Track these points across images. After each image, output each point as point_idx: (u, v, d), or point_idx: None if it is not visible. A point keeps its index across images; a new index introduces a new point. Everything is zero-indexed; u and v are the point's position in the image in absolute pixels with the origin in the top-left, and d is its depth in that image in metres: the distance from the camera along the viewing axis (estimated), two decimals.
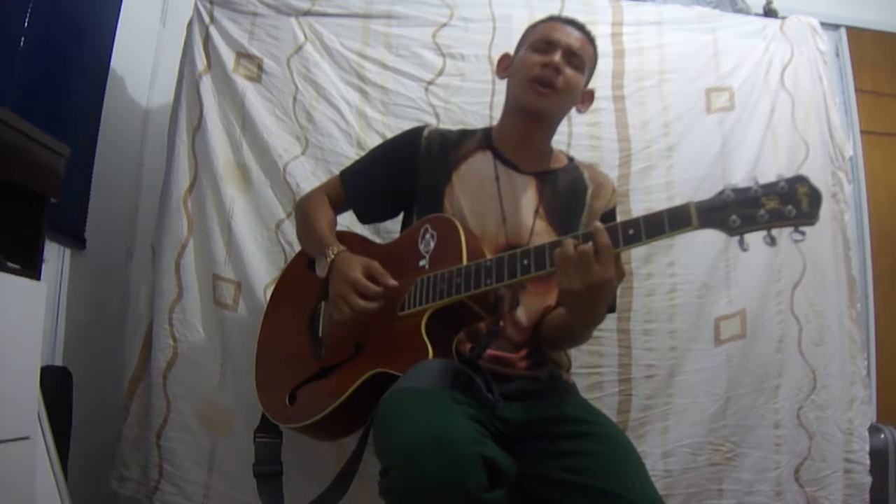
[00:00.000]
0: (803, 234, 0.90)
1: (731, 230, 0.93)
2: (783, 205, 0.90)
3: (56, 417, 1.29)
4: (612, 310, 1.31)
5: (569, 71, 1.29)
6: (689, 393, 1.67)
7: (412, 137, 1.38)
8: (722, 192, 0.95)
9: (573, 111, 1.38)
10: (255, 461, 1.33)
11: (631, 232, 0.98)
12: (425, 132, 1.38)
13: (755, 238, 0.93)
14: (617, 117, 1.80)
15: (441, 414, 0.94)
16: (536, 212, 1.30)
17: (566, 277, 0.99)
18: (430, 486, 0.82)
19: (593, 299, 1.01)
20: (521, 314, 1.26)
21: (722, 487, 1.64)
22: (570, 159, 1.41)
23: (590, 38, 1.34)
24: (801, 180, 0.91)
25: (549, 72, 1.27)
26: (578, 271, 0.98)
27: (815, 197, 0.90)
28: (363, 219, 1.47)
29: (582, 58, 1.31)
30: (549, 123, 1.36)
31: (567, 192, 1.34)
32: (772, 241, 0.92)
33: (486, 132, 1.40)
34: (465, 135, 1.40)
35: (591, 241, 0.98)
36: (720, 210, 0.94)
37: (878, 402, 2.03)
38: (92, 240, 1.74)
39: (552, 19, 1.36)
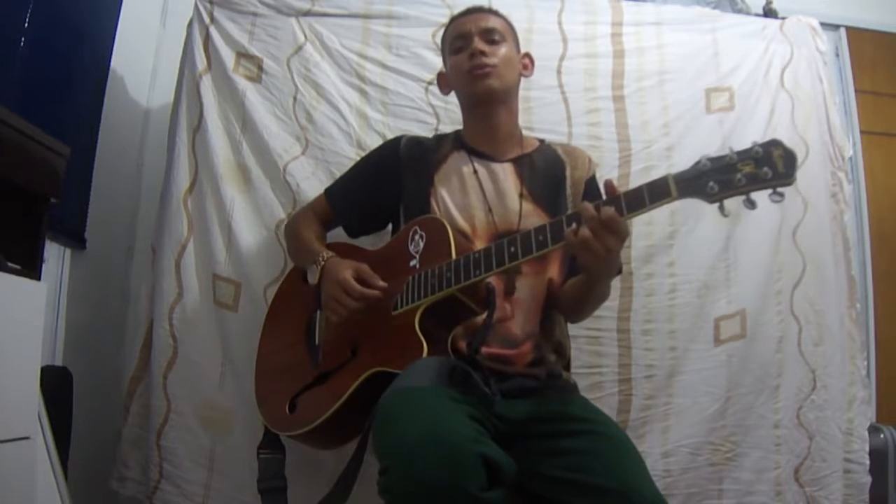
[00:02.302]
0: (782, 195, 0.92)
1: (709, 197, 0.95)
2: (759, 168, 0.92)
3: (56, 417, 1.29)
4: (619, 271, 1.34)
5: (493, 48, 1.35)
6: (689, 393, 1.67)
7: (391, 147, 1.44)
8: (698, 163, 0.97)
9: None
10: (259, 477, 1.34)
11: (612, 208, 1.00)
12: (403, 140, 1.44)
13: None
14: (617, 117, 1.80)
15: (440, 413, 0.94)
16: (521, 195, 1.34)
17: (600, 242, 1.01)
18: (429, 485, 0.83)
19: (616, 256, 1.10)
20: (527, 297, 1.27)
21: (722, 487, 1.64)
22: (541, 141, 1.46)
23: (493, 12, 1.41)
24: (775, 144, 0.92)
25: (478, 57, 1.33)
26: (612, 233, 1.00)
27: (789, 158, 0.91)
28: (351, 232, 1.50)
29: (499, 30, 1.38)
30: (505, 101, 1.38)
31: (545, 170, 1.38)
32: (751, 205, 0.93)
33: (457, 134, 1.45)
34: (440, 139, 1.46)
35: (583, 218, 1.01)
36: (698, 178, 0.96)
37: (877, 402, 2.03)
38: (92, 240, 1.74)
39: (453, 19, 1.44)
